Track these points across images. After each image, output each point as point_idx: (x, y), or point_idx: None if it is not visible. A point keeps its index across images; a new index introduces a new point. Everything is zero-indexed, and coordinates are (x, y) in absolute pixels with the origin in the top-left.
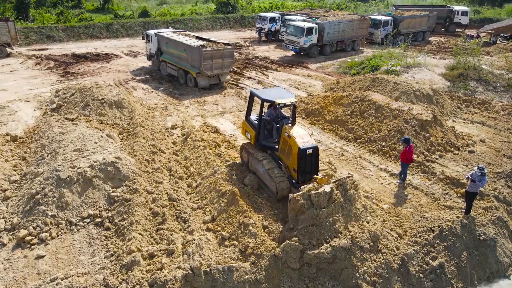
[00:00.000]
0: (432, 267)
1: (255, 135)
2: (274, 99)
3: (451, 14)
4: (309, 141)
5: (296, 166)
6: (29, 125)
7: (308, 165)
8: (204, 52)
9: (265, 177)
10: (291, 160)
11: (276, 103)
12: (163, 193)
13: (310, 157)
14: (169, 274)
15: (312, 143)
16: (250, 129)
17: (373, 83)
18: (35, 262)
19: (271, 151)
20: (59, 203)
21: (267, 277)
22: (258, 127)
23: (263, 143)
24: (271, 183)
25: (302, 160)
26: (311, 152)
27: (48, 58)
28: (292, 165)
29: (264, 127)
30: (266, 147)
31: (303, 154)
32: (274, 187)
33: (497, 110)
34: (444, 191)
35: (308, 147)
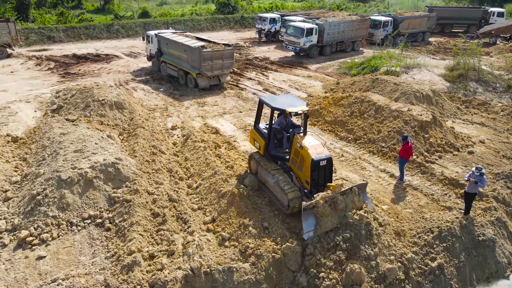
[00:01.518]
0: (431, 268)
1: (265, 145)
2: (285, 107)
3: (487, 15)
4: (323, 151)
5: (308, 178)
6: (30, 126)
7: (321, 177)
8: (204, 53)
9: (275, 189)
10: (304, 172)
11: (287, 111)
12: (163, 194)
13: (323, 168)
14: (169, 275)
15: (326, 154)
16: (259, 138)
17: (373, 84)
18: (36, 263)
19: (282, 161)
20: (60, 204)
21: (267, 277)
22: (268, 136)
23: (273, 153)
24: (282, 195)
25: (315, 172)
26: (324, 164)
27: (49, 59)
28: (305, 177)
29: (274, 136)
30: (276, 157)
31: (316, 165)
32: (286, 200)
33: (496, 111)
34: (444, 191)
35: (321, 159)
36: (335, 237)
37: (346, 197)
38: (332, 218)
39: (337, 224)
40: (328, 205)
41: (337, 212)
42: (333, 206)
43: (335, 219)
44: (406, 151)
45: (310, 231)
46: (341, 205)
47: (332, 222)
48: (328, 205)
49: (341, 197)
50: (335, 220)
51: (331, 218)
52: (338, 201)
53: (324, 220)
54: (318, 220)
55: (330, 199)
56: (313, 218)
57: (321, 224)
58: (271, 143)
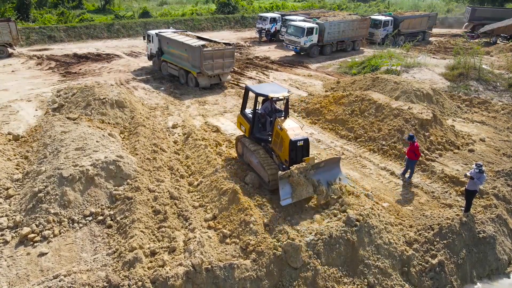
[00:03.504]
0: (432, 265)
1: (250, 128)
2: (268, 93)
3: None
4: (300, 133)
5: (287, 157)
6: (31, 124)
7: (299, 156)
8: (205, 52)
9: (258, 167)
10: (283, 152)
11: (269, 97)
12: (164, 192)
13: (301, 148)
14: (170, 271)
15: (303, 135)
16: (245, 123)
17: (373, 82)
18: (37, 259)
19: (265, 143)
20: (62, 201)
21: (268, 274)
22: (252, 120)
23: (257, 135)
24: (263, 173)
25: (293, 151)
26: (301, 144)
27: (50, 58)
28: (284, 156)
29: (259, 120)
30: (260, 139)
31: (294, 145)
32: (267, 177)
33: (497, 110)
34: (444, 189)
35: (299, 139)
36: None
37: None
38: (307, 187)
39: (312, 194)
40: (304, 176)
41: (312, 183)
42: (307, 177)
43: (310, 188)
44: (413, 151)
45: (286, 198)
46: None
47: (307, 191)
48: (304, 176)
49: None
50: (310, 189)
51: (306, 188)
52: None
53: (299, 188)
54: (294, 189)
55: (304, 170)
56: (289, 187)
57: (296, 192)
58: (255, 126)
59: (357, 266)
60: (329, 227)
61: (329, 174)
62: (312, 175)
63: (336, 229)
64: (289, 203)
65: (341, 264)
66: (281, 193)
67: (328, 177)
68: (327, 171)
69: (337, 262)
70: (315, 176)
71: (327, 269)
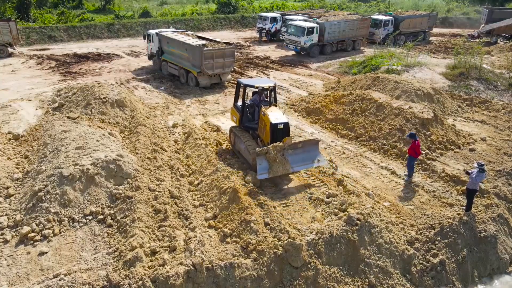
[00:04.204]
0: (433, 264)
1: (239, 118)
2: (254, 84)
3: None
4: (281, 118)
5: (269, 140)
6: (31, 124)
7: (279, 138)
8: (205, 52)
9: (245, 152)
10: (265, 135)
11: (255, 86)
12: (165, 191)
13: (281, 131)
14: (171, 270)
15: (283, 120)
16: (236, 113)
17: (374, 82)
18: (38, 259)
19: (252, 131)
20: (62, 200)
21: (269, 273)
22: (242, 110)
23: (246, 124)
24: (248, 156)
25: (274, 134)
26: (281, 127)
27: (50, 58)
28: (266, 139)
29: (248, 111)
30: (248, 128)
31: (274, 128)
32: (250, 159)
33: (497, 109)
34: (445, 188)
35: (279, 123)
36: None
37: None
38: (283, 165)
39: (288, 171)
40: (281, 154)
41: (288, 161)
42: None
43: (287, 165)
44: (414, 149)
45: (263, 173)
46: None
47: (284, 168)
48: (281, 155)
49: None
50: (286, 166)
51: (282, 165)
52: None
53: (275, 165)
54: (270, 165)
55: (281, 148)
56: (266, 163)
57: (273, 168)
58: (244, 116)
59: (358, 265)
60: (330, 226)
61: (308, 155)
62: (290, 154)
63: (337, 228)
64: (265, 177)
65: (342, 264)
66: (258, 168)
67: (307, 158)
68: (306, 152)
69: (338, 261)
70: (292, 156)
71: (328, 268)
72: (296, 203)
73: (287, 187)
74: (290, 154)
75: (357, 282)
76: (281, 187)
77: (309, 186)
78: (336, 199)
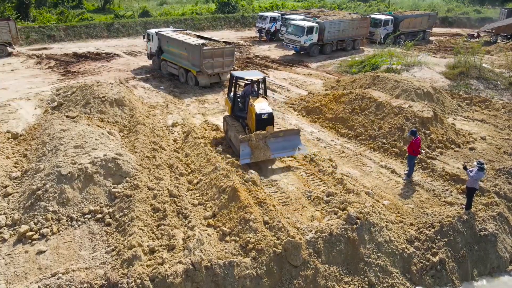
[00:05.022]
0: (433, 263)
1: (231, 107)
2: (244, 76)
3: None
4: (266, 108)
5: (254, 128)
6: (30, 123)
7: (263, 127)
8: (205, 51)
9: (234, 140)
10: (251, 123)
11: (245, 79)
12: (164, 190)
13: (265, 121)
14: (170, 269)
15: (268, 110)
16: (229, 103)
17: (373, 81)
18: (36, 257)
19: (242, 120)
20: (60, 199)
21: (268, 272)
22: (233, 100)
23: (237, 113)
24: (236, 143)
25: (259, 122)
26: (266, 117)
27: (49, 58)
28: (252, 128)
29: (240, 101)
30: (239, 117)
31: (259, 118)
32: (237, 146)
33: (497, 108)
34: (445, 187)
35: (263, 113)
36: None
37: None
38: (264, 151)
39: (269, 157)
40: (263, 142)
41: (270, 148)
42: (266, 143)
43: (268, 152)
44: (412, 147)
45: (245, 158)
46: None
47: (265, 154)
48: (263, 142)
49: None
50: (267, 153)
51: (264, 151)
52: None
53: (257, 151)
54: (253, 151)
55: (264, 136)
56: (249, 149)
57: (255, 154)
58: (235, 106)
59: (358, 264)
60: (330, 225)
61: (289, 143)
62: (272, 142)
63: (337, 227)
64: (247, 162)
65: (342, 262)
66: (241, 154)
67: (287, 146)
68: (287, 140)
69: (338, 260)
70: (274, 144)
71: (328, 267)
72: (295, 201)
73: (286, 183)
74: (272, 142)
75: (356, 281)
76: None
77: (308, 185)
78: (335, 197)
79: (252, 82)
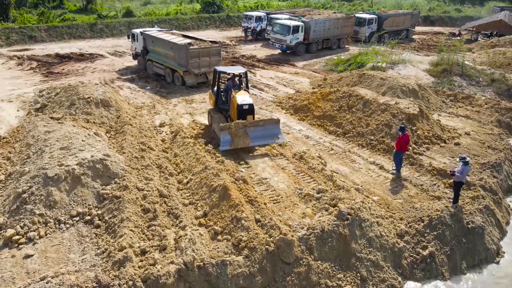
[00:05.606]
0: (423, 257)
1: (215, 100)
2: (227, 71)
3: None
4: (247, 99)
5: (236, 118)
6: (13, 125)
7: (244, 117)
8: (191, 50)
9: (217, 130)
10: (233, 115)
11: (227, 73)
12: (153, 190)
13: (246, 111)
14: (162, 269)
15: (249, 101)
16: (212, 97)
17: (360, 79)
18: (23, 262)
19: (225, 112)
20: (47, 202)
21: (261, 270)
22: (216, 93)
23: (220, 106)
24: (219, 132)
25: (240, 113)
26: (247, 108)
27: (31, 59)
28: (234, 118)
29: (223, 94)
30: (222, 109)
31: (240, 108)
32: (218, 133)
33: (480, 104)
34: (432, 182)
35: (245, 104)
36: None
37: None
38: (244, 139)
39: (248, 145)
40: (243, 130)
41: (249, 136)
42: (246, 132)
43: (247, 140)
44: (400, 143)
45: (225, 145)
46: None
47: (244, 142)
48: (243, 131)
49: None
50: (246, 141)
51: (243, 139)
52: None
53: (236, 139)
54: (232, 139)
55: (243, 125)
56: (229, 137)
57: (234, 142)
58: (219, 99)
59: (350, 259)
60: (321, 221)
61: (268, 132)
62: (251, 131)
63: (328, 223)
64: (227, 149)
65: (334, 259)
66: (221, 141)
67: (267, 135)
68: (267, 130)
69: (330, 256)
70: (253, 132)
71: (320, 264)
72: (286, 199)
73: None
74: (252, 131)
75: (349, 277)
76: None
77: (298, 183)
78: (326, 194)
79: (234, 75)
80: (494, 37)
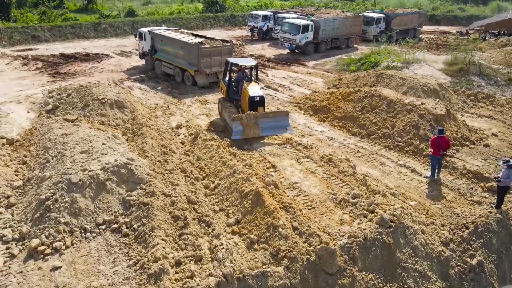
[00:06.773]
0: (471, 266)
1: (226, 90)
2: (238, 62)
3: None
4: (258, 92)
5: (247, 109)
6: (25, 127)
7: (255, 109)
8: (202, 49)
9: (228, 120)
10: (245, 105)
11: (240, 65)
12: (181, 196)
13: (258, 103)
14: (202, 282)
15: (260, 93)
16: (224, 87)
17: (377, 79)
18: (51, 274)
19: (236, 102)
20: (72, 209)
21: (303, 281)
22: (228, 84)
23: (231, 96)
24: (230, 122)
25: (252, 104)
26: (258, 100)
27: (36, 59)
28: (245, 109)
29: (234, 85)
30: (233, 99)
31: (252, 100)
32: (230, 124)
33: (502, 104)
34: (469, 186)
35: (256, 96)
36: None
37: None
38: (254, 129)
39: (258, 135)
40: (254, 121)
41: (259, 127)
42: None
43: (257, 131)
44: (435, 145)
45: (237, 135)
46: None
47: (254, 132)
48: (254, 122)
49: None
50: (257, 131)
51: (254, 130)
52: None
53: (247, 129)
54: (244, 129)
55: (254, 116)
56: (240, 127)
57: (245, 132)
58: (230, 89)
59: (395, 270)
60: (362, 229)
61: (277, 124)
62: (262, 122)
63: (370, 231)
64: (238, 138)
65: (378, 269)
66: (233, 131)
67: (276, 127)
68: (276, 121)
69: (374, 266)
70: (264, 124)
71: (365, 275)
72: (321, 205)
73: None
74: (262, 122)
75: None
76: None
77: (331, 187)
78: (362, 199)
79: (245, 67)
80: (503, 36)
